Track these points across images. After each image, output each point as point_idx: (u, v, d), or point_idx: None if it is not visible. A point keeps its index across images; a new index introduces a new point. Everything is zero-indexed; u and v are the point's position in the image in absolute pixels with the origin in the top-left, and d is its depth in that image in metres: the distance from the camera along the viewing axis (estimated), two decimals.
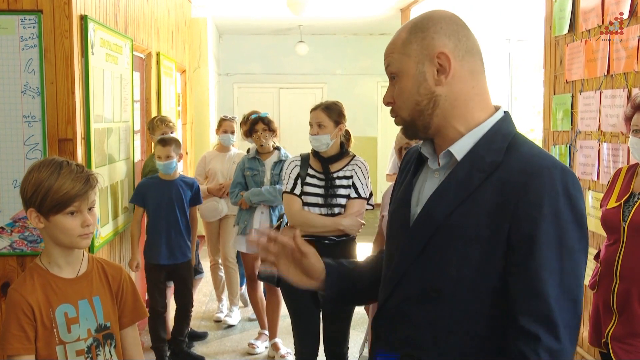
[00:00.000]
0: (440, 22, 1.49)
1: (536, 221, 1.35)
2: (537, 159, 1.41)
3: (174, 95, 6.86)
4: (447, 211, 1.44)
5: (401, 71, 1.50)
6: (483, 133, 1.48)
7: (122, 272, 2.20)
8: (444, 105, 1.48)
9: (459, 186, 1.45)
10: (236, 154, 5.58)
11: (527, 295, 1.35)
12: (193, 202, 4.55)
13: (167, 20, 6.67)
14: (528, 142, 1.50)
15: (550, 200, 1.35)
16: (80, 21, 3.57)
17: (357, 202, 3.54)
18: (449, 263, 1.43)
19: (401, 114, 1.54)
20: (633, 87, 3.69)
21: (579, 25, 4.31)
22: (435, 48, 1.46)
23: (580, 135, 4.31)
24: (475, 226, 1.40)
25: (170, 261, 4.42)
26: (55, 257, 2.04)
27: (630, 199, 2.81)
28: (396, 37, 1.53)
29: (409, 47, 1.48)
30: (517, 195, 1.37)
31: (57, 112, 3.45)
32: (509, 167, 1.41)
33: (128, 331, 2.18)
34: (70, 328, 2.02)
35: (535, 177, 1.37)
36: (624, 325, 2.73)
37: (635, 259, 2.70)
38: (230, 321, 5.50)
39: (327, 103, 3.67)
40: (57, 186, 1.94)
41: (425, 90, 1.48)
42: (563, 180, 1.37)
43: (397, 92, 1.52)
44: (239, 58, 11.71)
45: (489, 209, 1.39)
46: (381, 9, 9.30)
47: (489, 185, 1.41)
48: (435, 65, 1.47)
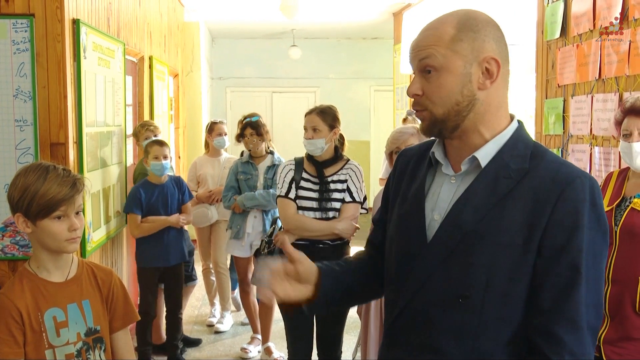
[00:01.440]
0: (488, 25, 1.48)
1: (570, 229, 1.38)
2: (566, 168, 1.45)
3: (166, 99, 6.85)
4: (476, 217, 1.44)
5: (445, 67, 1.46)
6: (505, 140, 1.49)
7: (113, 275, 2.19)
8: (479, 109, 1.48)
9: (486, 192, 1.45)
10: (227, 158, 5.56)
11: (558, 299, 1.38)
12: (183, 200, 4.55)
13: (160, 24, 6.66)
14: (548, 150, 1.53)
15: (583, 210, 1.39)
16: (73, 25, 3.56)
17: (351, 206, 3.54)
18: (478, 269, 1.43)
19: (434, 110, 1.49)
20: (624, 91, 3.71)
21: (571, 30, 4.33)
22: (485, 51, 1.46)
23: (572, 139, 4.33)
24: (507, 233, 1.41)
25: (164, 263, 4.40)
26: (43, 261, 2.03)
27: (622, 203, 2.82)
28: (438, 30, 1.48)
29: (459, 45, 1.45)
30: (551, 204, 1.39)
31: (49, 116, 3.43)
32: (539, 175, 1.43)
33: (119, 335, 2.18)
34: (60, 332, 2.01)
35: (569, 187, 1.40)
36: (617, 329, 2.74)
37: (628, 262, 2.71)
38: (221, 327, 5.49)
39: (322, 107, 3.67)
40: (43, 190, 1.94)
41: (469, 91, 1.46)
42: (591, 190, 1.41)
43: (434, 87, 1.47)
44: (231, 62, 11.71)
45: (521, 216, 1.41)
46: (374, 13, 9.32)
47: (520, 193, 1.43)
48: (482, 68, 1.46)
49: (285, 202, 3.54)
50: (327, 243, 3.52)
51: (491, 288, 1.42)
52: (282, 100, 11.71)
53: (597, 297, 1.40)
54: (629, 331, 2.70)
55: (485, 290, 1.42)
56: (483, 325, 1.43)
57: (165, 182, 4.45)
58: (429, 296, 1.49)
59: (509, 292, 1.42)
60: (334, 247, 3.54)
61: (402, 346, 1.55)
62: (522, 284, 1.42)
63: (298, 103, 11.43)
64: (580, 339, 1.38)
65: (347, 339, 4.28)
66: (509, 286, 1.42)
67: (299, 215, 3.52)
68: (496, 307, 1.43)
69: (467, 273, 1.44)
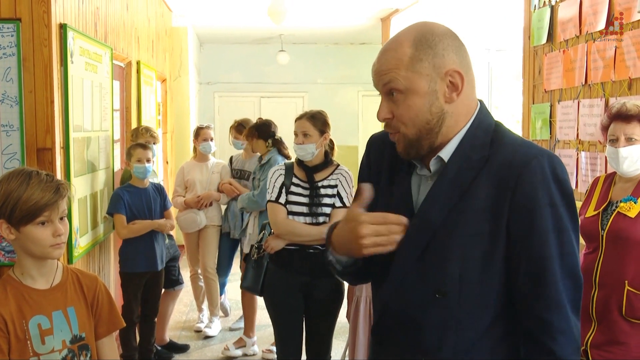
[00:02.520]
0: (445, 37, 1.47)
1: (533, 210, 1.41)
2: (524, 149, 1.46)
3: (154, 104, 6.83)
4: (443, 212, 1.46)
5: (410, 89, 1.46)
6: (465, 131, 1.50)
7: (98, 281, 2.17)
8: (449, 122, 1.49)
9: (450, 186, 1.47)
10: (215, 163, 5.55)
11: (535, 283, 1.42)
12: (166, 206, 4.54)
13: (148, 29, 6.64)
14: (509, 132, 1.54)
15: (543, 188, 1.41)
16: (60, 30, 3.55)
17: (342, 211, 3.53)
18: (451, 263, 1.45)
19: (406, 132, 1.49)
20: (610, 96, 3.74)
21: (557, 36, 4.36)
22: (447, 65, 1.46)
23: (558, 144, 4.35)
24: (474, 223, 1.43)
25: (147, 269, 4.39)
26: (27, 268, 2.01)
27: (608, 207, 2.84)
28: (397, 52, 1.47)
29: (420, 65, 1.45)
30: (511, 188, 1.41)
31: (36, 121, 3.41)
32: (498, 161, 1.45)
33: (104, 341, 2.16)
34: (44, 339, 1.99)
35: (525, 169, 1.41)
36: (603, 332, 2.75)
37: (614, 266, 2.72)
38: (209, 332, 5.47)
39: (312, 112, 3.67)
40: (26, 196, 1.91)
41: (437, 108, 1.47)
42: (551, 166, 1.43)
43: (403, 110, 1.47)
44: (219, 67, 11.69)
45: (485, 204, 1.43)
46: (362, 19, 9.34)
47: (482, 181, 1.44)
48: (447, 82, 1.46)
49: (275, 207, 3.54)
50: (318, 248, 3.52)
51: (465, 280, 1.44)
52: (270, 106, 11.70)
53: (572, 269, 1.43)
54: (616, 335, 2.72)
55: (460, 283, 1.45)
56: (463, 317, 1.46)
57: (148, 186, 4.44)
58: (407, 295, 1.51)
59: (483, 281, 1.44)
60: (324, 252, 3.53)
61: (390, 347, 1.57)
62: (494, 271, 1.44)
63: (286, 108, 11.42)
64: (564, 315, 1.41)
65: (336, 343, 4.28)
66: (482, 275, 1.44)
67: (289, 220, 3.51)
68: (473, 297, 1.45)
69: (441, 268, 1.46)
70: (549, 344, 1.41)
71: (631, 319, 2.69)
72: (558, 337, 1.40)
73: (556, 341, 1.40)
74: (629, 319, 2.69)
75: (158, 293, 4.62)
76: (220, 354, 5.10)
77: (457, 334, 1.46)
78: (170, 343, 5.12)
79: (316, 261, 3.50)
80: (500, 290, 1.45)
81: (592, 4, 3.93)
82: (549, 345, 1.41)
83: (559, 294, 1.41)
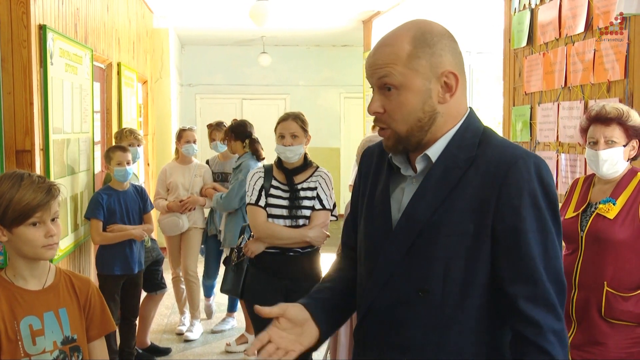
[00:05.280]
0: (443, 37, 1.48)
1: (518, 210, 1.41)
2: (510, 150, 1.47)
3: (135, 106, 6.79)
4: (429, 211, 1.46)
5: (405, 85, 1.46)
6: (453, 133, 1.51)
7: (90, 284, 2.19)
8: (439, 122, 1.49)
9: (437, 185, 1.47)
10: (198, 165, 5.52)
11: (523, 282, 1.42)
12: (145, 209, 4.51)
13: (129, 30, 6.61)
14: (496, 135, 1.55)
15: (528, 189, 1.42)
16: (39, 31, 3.52)
17: (321, 213, 3.53)
18: (435, 262, 1.45)
19: (396, 128, 1.49)
20: (589, 99, 3.78)
21: (537, 38, 4.40)
22: (443, 66, 1.46)
23: (539, 146, 4.39)
24: (460, 222, 1.44)
25: (124, 272, 4.35)
26: (20, 269, 2.02)
27: (587, 208, 2.86)
28: (395, 47, 1.47)
29: (417, 62, 1.45)
30: (497, 188, 1.42)
31: (15, 123, 3.38)
32: (485, 161, 1.45)
33: (96, 344, 2.18)
34: (35, 340, 2.00)
35: (511, 168, 1.42)
36: (583, 333, 2.78)
37: (594, 268, 2.75)
38: (191, 336, 5.43)
39: (296, 113, 3.65)
40: (18, 197, 1.93)
41: (429, 107, 1.47)
42: (537, 168, 1.43)
43: (395, 106, 1.48)
44: (201, 69, 11.65)
45: (471, 204, 1.44)
46: (343, 21, 9.36)
47: (468, 180, 1.45)
48: (441, 83, 1.47)
49: (255, 210, 3.52)
50: (298, 251, 3.51)
51: (449, 279, 1.45)
52: (252, 107, 11.68)
53: (558, 272, 1.44)
54: (595, 336, 2.74)
55: (444, 282, 1.45)
56: (446, 317, 1.46)
57: (127, 189, 4.41)
58: (391, 294, 1.51)
59: (467, 280, 1.45)
60: (304, 255, 3.53)
61: (373, 347, 1.56)
62: (479, 271, 1.45)
63: (268, 110, 11.41)
64: (557, 316, 1.42)
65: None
66: (466, 274, 1.45)
67: (269, 223, 3.50)
68: (456, 296, 1.45)
69: (425, 267, 1.46)
70: (542, 344, 1.41)
71: (610, 320, 2.71)
72: (550, 337, 1.40)
73: (549, 341, 1.40)
74: (608, 320, 2.72)
75: (137, 295, 4.59)
76: (201, 357, 5.08)
77: (440, 333, 1.46)
78: (152, 346, 5.09)
79: (296, 264, 3.49)
80: (484, 290, 1.46)
81: (571, 8, 3.97)
82: (543, 345, 1.41)
83: (549, 295, 1.41)
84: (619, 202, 2.75)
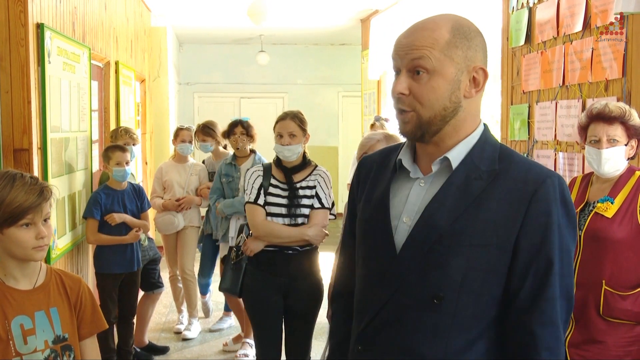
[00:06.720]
0: (478, 35, 1.51)
1: (547, 226, 1.43)
2: (536, 168, 1.49)
3: (133, 104, 6.78)
4: (450, 218, 1.46)
5: (438, 71, 1.45)
6: (474, 142, 1.52)
7: (81, 283, 2.19)
8: (460, 116, 1.50)
9: (459, 193, 1.47)
10: (194, 164, 5.52)
11: (536, 298, 1.43)
12: (143, 208, 4.51)
13: (126, 29, 6.60)
14: (514, 151, 1.57)
15: (555, 208, 1.44)
16: (37, 29, 3.51)
17: (320, 212, 3.53)
18: (453, 270, 1.45)
19: (421, 112, 1.48)
20: (587, 97, 3.78)
21: (535, 37, 4.40)
22: (476, 61, 1.48)
23: (537, 145, 4.39)
24: (482, 233, 1.44)
25: (123, 270, 4.35)
26: (10, 269, 2.02)
27: (585, 207, 2.86)
28: (434, 32, 1.47)
29: (454, 52, 1.46)
30: (525, 204, 1.43)
31: (13, 121, 3.38)
32: (511, 177, 1.47)
33: (87, 343, 2.18)
34: (27, 339, 2.00)
35: (540, 187, 1.44)
36: (581, 332, 2.78)
37: (592, 266, 2.75)
38: (189, 335, 5.43)
39: (294, 112, 3.65)
40: (10, 198, 1.93)
41: (456, 98, 1.48)
42: (561, 188, 1.46)
43: (425, 90, 1.46)
44: (199, 67, 11.65)
45: (496, 217, 1.44)
46: (342, 20, 9.35)
47: (493, 194, 1.46)
48: (470, 77, 1.48)
49: (254, 208, 3.52)
50: (297, 249, 3.51)
51: (465, 288, 1.45)
52: (250, 106, 11.68)
53: (569, 291, 1.46)
54: (593, 334, 2.75)
55: (460, 291, 1.45)
56: (456, 324, 1.46)
57: (126, 188, 4.41)
58: (404, 299, 1.50)
59: (483, 291, 1.45)
60: (303, 254, 3.54)
61: (375, 349, 1.55)
62: (495, 284, 1.46)
63: (266, 109, 11.41)
64: (556, 334, 1.44)
65: (316, 344, 4.28)
66: (483, 286, 1.45)
67: (268, 222, 3.50)
68: (469, 306, 1.45)
69: (442, 274, 1.45)
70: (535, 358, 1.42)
71: (608, 318, 2.72)
72: (544, 353, 1.42)
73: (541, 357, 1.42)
74: (606, 318, 2.72)
75: (135, 293, 4.59)
76: (199, 355, 5.08)
77: (446, 342, 1.46)
78: (150, 345, 5.09)
79: (295, 262, 3.49)
80: (497, 303, 1.47)
81: (569, 6, 3.97)
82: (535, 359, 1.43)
83: (555, 313, 1.43)
84: (617, 200, 2.75)
